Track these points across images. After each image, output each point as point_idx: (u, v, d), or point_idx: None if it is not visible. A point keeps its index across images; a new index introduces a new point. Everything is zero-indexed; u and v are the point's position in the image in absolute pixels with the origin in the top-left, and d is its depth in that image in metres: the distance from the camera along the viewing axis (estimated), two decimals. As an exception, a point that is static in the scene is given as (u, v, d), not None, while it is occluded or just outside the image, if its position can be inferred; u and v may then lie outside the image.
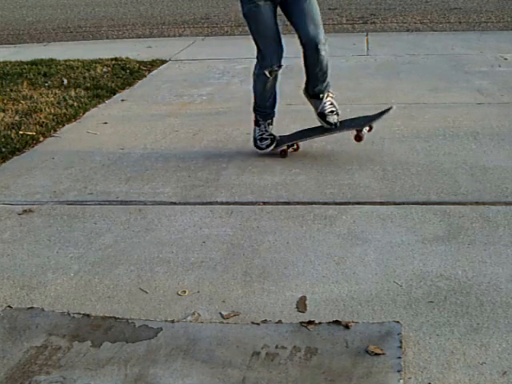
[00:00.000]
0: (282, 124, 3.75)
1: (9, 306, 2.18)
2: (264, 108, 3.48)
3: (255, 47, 3.31)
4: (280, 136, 3.55)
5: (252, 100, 3.50)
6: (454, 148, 3.47)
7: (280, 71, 3.32)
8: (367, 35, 7.16)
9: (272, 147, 3.47)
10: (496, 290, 2.14)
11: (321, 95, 3.39)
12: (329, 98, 3.41)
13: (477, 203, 2.79)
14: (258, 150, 3.51)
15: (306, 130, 3.61)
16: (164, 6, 10.55)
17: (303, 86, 3.45)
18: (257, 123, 3.53)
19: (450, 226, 2.60)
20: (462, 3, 9.07)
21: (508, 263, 2.30)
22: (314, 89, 3.38)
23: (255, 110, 3.53)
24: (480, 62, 5.54)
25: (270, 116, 3.52)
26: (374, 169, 3.24)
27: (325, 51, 3.24)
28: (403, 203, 2.83)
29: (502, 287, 2.15)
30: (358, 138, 3.39)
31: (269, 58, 3.26)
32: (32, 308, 2.16)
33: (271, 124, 3.53)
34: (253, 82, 3.45)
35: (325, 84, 3.39)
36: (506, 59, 5.59)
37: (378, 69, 5.51)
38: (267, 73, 3.28)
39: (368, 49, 6.43)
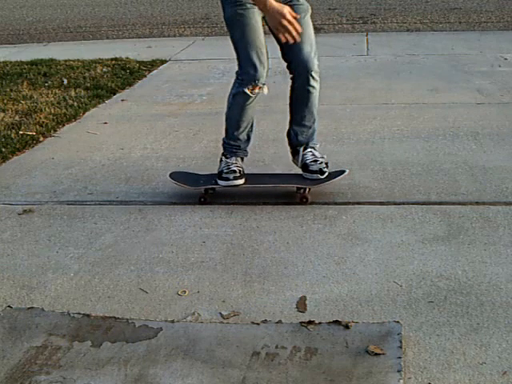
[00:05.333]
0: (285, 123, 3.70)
1: (9, 306, 2.18)
2: (235, 140, 2.96)
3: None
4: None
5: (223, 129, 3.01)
6: (454, 148, 3.47)
7: (262, 92, 2.80)
8: (367, 35, 7.16)
9: (242, 181, 2.95)
10: (496, 289, 2.14)
11: (298, 147, 2.98)
12: (309, 149, 2.97)
13: (477, 203, 2.79)
14: (221, 183, 2.95)
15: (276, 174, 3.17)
16: (164, 5, 10.54)
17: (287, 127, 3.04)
18: (225, 156, 3.00)
19: (450, 226, 2.60)
20: (462, 3, 9.06)
21: (508, 263, 2.30)
22: (297, 136, 2.97)
23: (224, 143, 3.00)
24: (480, 62, 5.54)
25: (241, 153, 3.01)
26: (373, 169, 3.24)
27: (316, 85, 2.83)
28: (403, 203, 2.83)
29: (502, 287, 2.15)
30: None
31: (253, 71, 2.73)
32: (32, 308, 2.16)
33: (242, 161, 3.02)
34: (226, 108, 2.94)
35: (310, 132, 2.96)
36: (506, 59, 5.59)
37: (378, 69, 5.51)
38: (249, 90, 2.77)
39: (368, 49, 6.43)
